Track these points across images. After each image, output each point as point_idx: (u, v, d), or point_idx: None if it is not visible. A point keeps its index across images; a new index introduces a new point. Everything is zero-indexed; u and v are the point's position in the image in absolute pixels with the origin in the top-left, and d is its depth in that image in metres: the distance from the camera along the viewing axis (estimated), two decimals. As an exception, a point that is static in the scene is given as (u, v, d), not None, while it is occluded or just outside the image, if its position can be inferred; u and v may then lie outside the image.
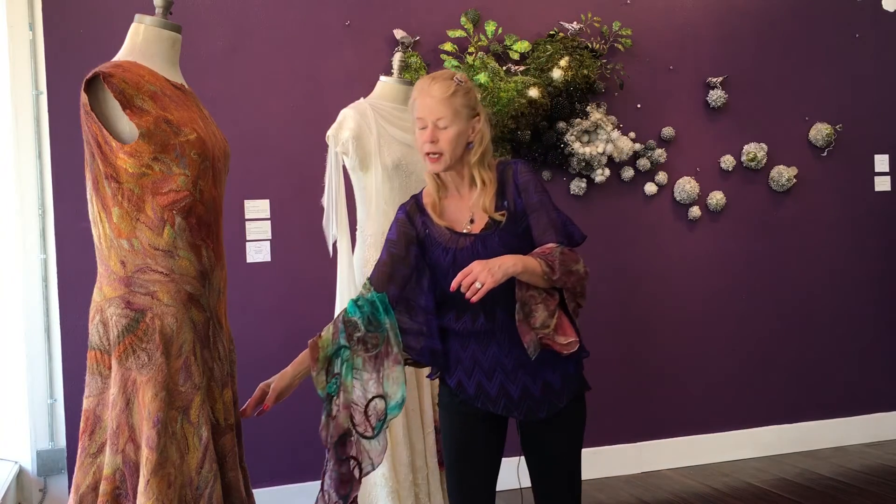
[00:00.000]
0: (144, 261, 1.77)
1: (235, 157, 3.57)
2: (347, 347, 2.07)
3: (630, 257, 4.29)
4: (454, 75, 2.11)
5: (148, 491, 1.68)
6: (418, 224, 2.14)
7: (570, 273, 2.02)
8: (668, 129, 4.28)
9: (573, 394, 2.12)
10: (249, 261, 3.69)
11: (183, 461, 1.76)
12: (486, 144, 2.10)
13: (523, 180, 2.09)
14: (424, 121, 2.06)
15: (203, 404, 1.81)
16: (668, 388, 4.36)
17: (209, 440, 1.80)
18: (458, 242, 2.07)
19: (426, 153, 2.07)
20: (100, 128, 1.73)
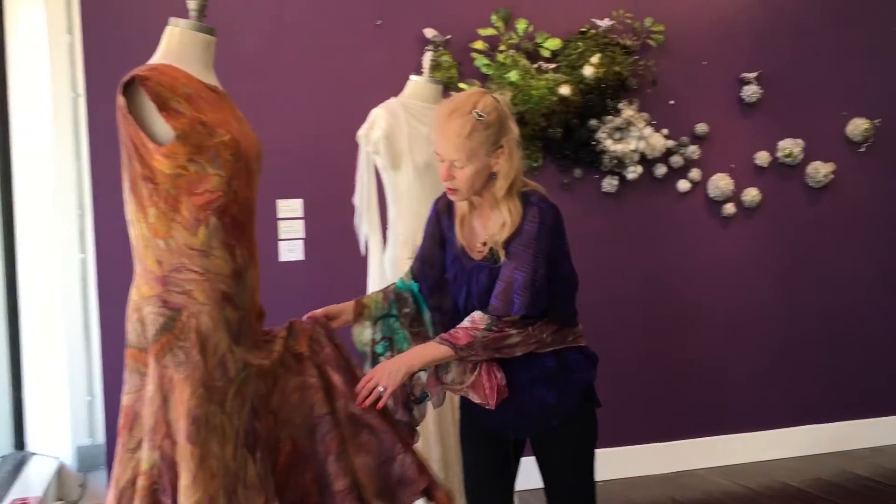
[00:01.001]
0: (180, 260, 1.80)
1: (268, 156, 3.61)
2: (396, 317, 2.15)
3: (662, 254, 4.26)
4: (475, 107, 1.97)
5: (195, 483, 1.72)
6: (444, 224, 2.15)
7: (498, 350, 2.00)
8: (702, 125, 4.25)
9: (571, 409, 2.10)
10: (282, 259, 3.72)
11: (222, 451, 1.79)
12: (513, 177, 2.00)
13: (523, 228, 1.99)
14: (441, 157, 2.02)
15: (236, 394, 1.84)
16: (702, 387, 4.32)
17: (240, 424, 1.84)
18: (462, 262, 2.07)
19: (446, 187, 2.05)
20: (136, 130, 1.76)
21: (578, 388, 2.11)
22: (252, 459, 1.85)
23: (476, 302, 2.03)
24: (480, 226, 2.08)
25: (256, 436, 1.87)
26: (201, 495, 1.69)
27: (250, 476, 1.83)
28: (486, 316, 1.97)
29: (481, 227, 2.07)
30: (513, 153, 2.00)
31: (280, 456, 1.95)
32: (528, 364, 2.03)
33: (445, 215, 2.15)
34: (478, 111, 1.96)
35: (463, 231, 2.09)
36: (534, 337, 2.01)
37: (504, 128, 2.00)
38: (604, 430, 4.02)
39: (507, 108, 2.04)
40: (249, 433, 1.86)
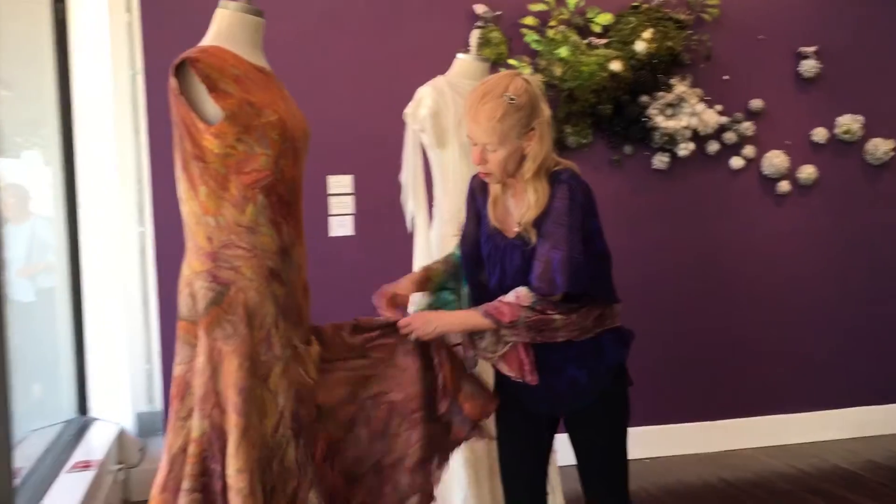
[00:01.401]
0: (229, 237, 1.86)
1: (318, 133, 3.67)
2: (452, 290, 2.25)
3: (714, 232, 4.21)
4: (506, 90, 1.97)
5: (238, 454, 1.79)
6: (479, 202, 2.17)
7: (540, 332, 2.00)
8: (757, 101, 4.17)
9: (603, 389, 2.10)
10: (332, 234, 3.79)
11: (261, 424, 1.86)
12: (542, 159, 2.01)
13: (553, 206, 1.99)
14: (474, 140, 2.03)
15: (283, 374, 1.90)
16: (753, 366, 4.28)
17: (286, 407, 1.89)
18: (496, 240, 2.09)
19: (479, 169, 2.08)
20: (188, 110, 1.82)
21: (609, 368, 2.12)
22: (295, 443, 1.91)
23: (510, 281, 2.04)
24: (513, 206, 2.09)
25: (300, 422, 1.93)
26: (243, 464, 1.77)
27: (288, 457, 1.90)
28: (531, 293, 1.97)
29: (514, 208, 2.09)
30: (544, 135, 2.01)
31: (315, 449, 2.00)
32: (561, 344, 2.04)
33: (480, 193, 2.17)
34: (509, 94, 1.96)
35: (496, 211, 2.10)
36: (577, 324, 2.02)
37: (536, 110, 2.00)
38: (655, 408, 4.07)
39: (538, 89, 2.03)
40: (295, 417, 1.92)
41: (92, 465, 3.16)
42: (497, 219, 2.10)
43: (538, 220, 2.00)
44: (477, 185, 2.19)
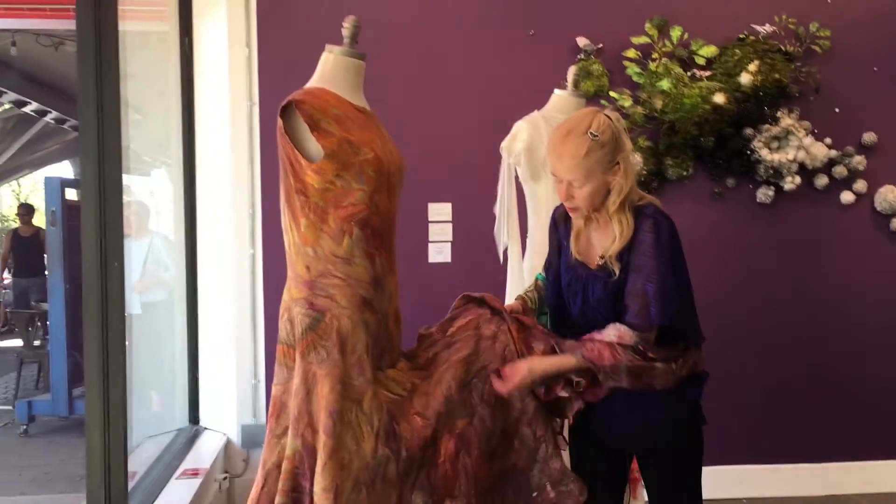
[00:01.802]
0: (326, 266, 1.98)
1: (422, 161, 3.81)
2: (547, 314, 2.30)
3: (822, 269, 4.09)
4: (589, 127, 2.01)
5: (325, 472, 1.89)
6: (560, 232, 2.22)
7: (640, 379, 1.99)
8: (870, 134, 4.04)
9: (676, 427, 2.11)
10: (431, 261, 3.90)
11: (359, 447, 1.95)
12: (626, 192, 2.04)
13: (639, 239, 2.02)
14: (559, 177, 2.07)
15: (375, 396, 1.99)
16: (862, 408, 4.11)
17: (381, 426, 1.97)
18: (577, 270, 2.12)
19: (566, 205, 2.12)
20: (292, 148, 1.96)
21: (684, 406, 2.12)
22: (395, 459, 1.99)
23: (591, 311, 2.08)
24: (596, 238, 2.13)
25: (397, 437, 2.00)
26: (328, 483, 1.87)
27: (390, 473, 1.97)
28: (632, 331, 1.99)
29: (597, 240, 2.13)
30: (628, 169, 2.05)
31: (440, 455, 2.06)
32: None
33: (563, 224, 2.22)
34: (592, 131, 2.00)
35: (579, 243, 2.15)
36: (675, 372, 2.02)
37: (619, 144, 2.04)
38: (756, 446, 3.97)
39: (619, 124, 2.07)
40: (391, 434, 2.00)
41: (200, 472, 3.36)
42: (579, 250, 2.15)
43: (622, 252, 2.03)
44: (559, 215, 2.24)
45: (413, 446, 2.01)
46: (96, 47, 2.48)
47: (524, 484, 2.13)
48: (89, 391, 2.51)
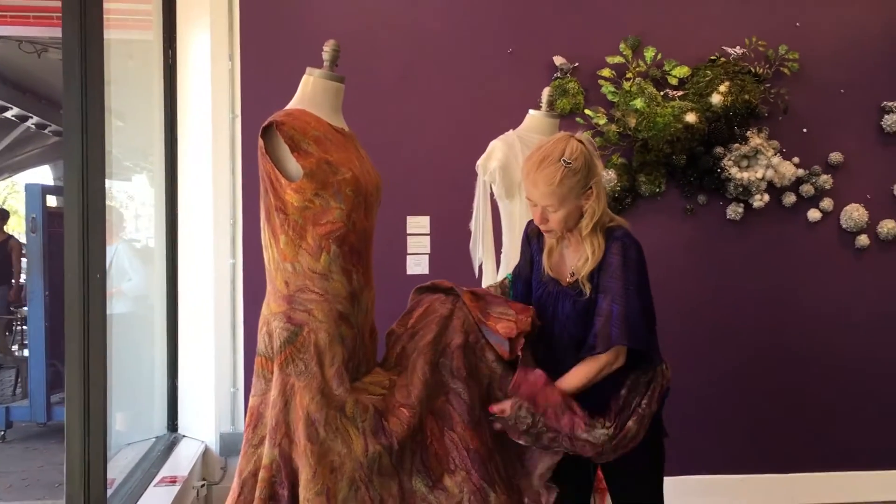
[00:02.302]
0: (304, 282, 2.05)
1: (401, 174, 3.89)
2: None
3: (789, 284, 4.20)
4: (563, 154, 2.09)
5: (315, 478, 1.96)
6: (533, 246, 2.32)
7: None
8: (836, 154, 4.16)
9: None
10: (409, 273, 3.97)
11: (350, 450, 2.02)
12: (599, 215, 2.13)
13: (608, 262, 2.12)
14: (533, 202, 2.16)
15: (357, 402, 2.06)
16: (829, 420, 4.22)
17: (367, 426, 2.04)
18: (548, 286, 2.22)
19: (540, 228, 2.21)
20: (272, 167, 2.03)
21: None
22: (387, 452, 2.05)
23: (560, 325, 2.19)
24: (568, 256, 2.23)
25: (387, 433, 2.07)
26: (321, 487, 1.95)
27: (384, 465, 2.05)
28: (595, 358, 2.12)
29: (569, 258, 2.22)
30: (600, 193, 2.14)
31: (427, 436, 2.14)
32: (600, 393, 2.15)
33: (535, 239, 2.32)
34: (566, 158, 2.09)
35: (551, 260, 2.25)
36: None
37: (592, 170, 2.13)
38: (724, 458, 4.07)
39: (591, 147, 2.16)
40: (379, 431, 2.06)
41: (178, 480, 3.40)
42: (551, 267, 2.23)
43: (592, 273, 2.12)
44: (532, 231, 2.34)
45: (402, 436, 2.07)
46: (81, 56, 2.53)
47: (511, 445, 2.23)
48: (70, 400, 2.56)
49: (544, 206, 2.13)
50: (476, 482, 2.11)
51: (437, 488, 2.10)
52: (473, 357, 2.24)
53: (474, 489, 2.11)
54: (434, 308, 2.27)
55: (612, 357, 2.10)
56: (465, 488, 2.10)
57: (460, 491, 2.10)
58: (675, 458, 3.71)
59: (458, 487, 2.10)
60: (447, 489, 2.10)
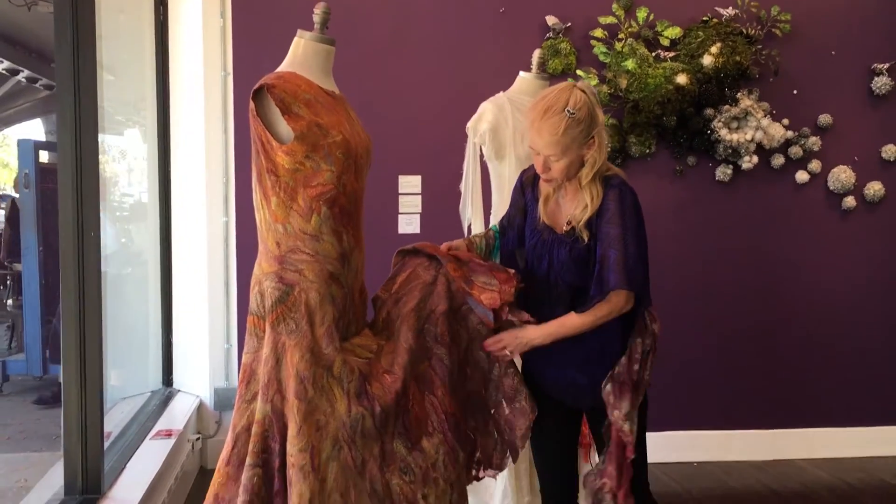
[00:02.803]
0: (295, 243, 2.09)
1: (393, 134, 3.90)
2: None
3: (776, 245, 4.26)
4: (567, 104, 2.10)
5: (300, 435, 2.02)
6: (528, 195, 2.34)
7: None
8: (826, 116, 4.19)
9: None
10: (400, 232, 4.02)
11: (334, 409, 2.08)
12: (598, 167, 2.16)
13: (605, 208, 2.15)
14: (536, 150, 2.18)
15: (345, 363, 2.12)
16: (809, 379, 4.32)
17: (351, 388, 2.10)
18: (543, 234, 2.25)
19: (541, 176, 2.24)
20: (263, 130, 2.06)
21: None
22: (370, 415, 2.11)
23: (555, 273, 2.22)
24: (564, 204, 2.25)
25: (370, 397, 2.13)
26: (305, 444, 2.01)
27: (367, 427, 2.11)
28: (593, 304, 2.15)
29: (565, 206, 2.25)
30: (601, 143, 2.17)
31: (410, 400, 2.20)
32: (585, 342, 2.20)
33: (530, 188, 2.34)
34: (570, 109, 2.11)
35: (547, 208, 2.27)
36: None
37: (594, 120, 2.15)
38: (706, 414, 4.17)
39: (594, 98, 2.17)
40: (362, 395, 2.12)
41: (173, 433, 3.47)
42: (547, 215, 2.27)
43: (590, 221, 2.17)
44: (527, 179, 2.36)
45: (386, 401, 2.13)
46: (73, 9, 2.53)
47: (480, 405, 2.31)
48: (66, 355, 2.62)
49: (547, 155, 2.15)
50: (450, 443, 2.20)
51: (415, 450, 2.17)
52: (456, 322, 2.29)
53: (448, 450, 2.19)
54: (417, 274, 2.31)
55: (618, 301, 2.13)
56: (441, 450, 2.19)
57: (436, 452, 2.18)
58: (658, 414, 3.80)
59: (435, 449, 2.18)
60: (424, 451, 2.18)
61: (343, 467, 2.06)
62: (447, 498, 2.18)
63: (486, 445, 2.35)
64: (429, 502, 2.14)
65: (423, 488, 2.14)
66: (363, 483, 2.09)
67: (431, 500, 2.15)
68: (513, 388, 2.30)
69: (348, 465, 2.07)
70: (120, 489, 2.78)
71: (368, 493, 2.09)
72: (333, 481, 2.03)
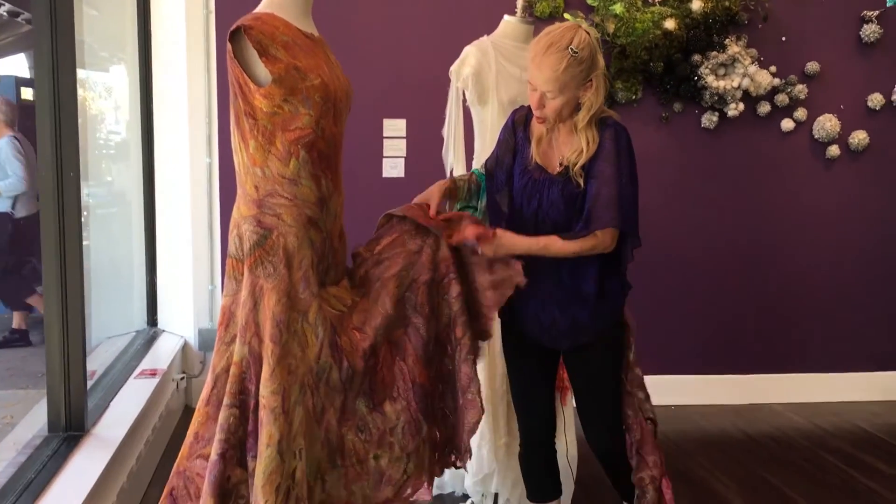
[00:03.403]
0: (273, 187, 2.09)
1: (377, 77, 3.87)
2: (475, 209, 2.44)
3: (759, 192, 4.29)
4: (570, 43, 2.09)
5: (273, 377, 2.05)
6: (519, 135, 2.32)
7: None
8: (813, 63, 4.17)
9: (602, 330, 2.28)
10: (385, 175, 4.01)
11: (304, 354, 2.11)
12: (594, 111, 2.15)
13: (602, 146, 2.14)
14: (534, 86, 2.16)
15: (320, 309, 2.14)
16: (789, 325, 4.39)
17: (325, 337, 2.13)
18: (534, 174, 2.24)
19: (535, 114, 2.22)
20: (241, 72, 2.03)
21: (611, 313, 2.29)
22: (337, 367, 2.14)
23: (544, 213, 2.22)
24: (558, 146, 2.24)
25: (339, 349, 2.15)
26: (277, 386, 2.03)
27: (333, 379, 2.13)
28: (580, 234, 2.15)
29: (558, 147, 2.24)
30: (599, 87, 2.16)
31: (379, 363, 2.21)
32: (566, 283, 2.23)
33: (522, 127, 2.32)
34: (573, 47, 2.09)
35: (539, 149, 2.26)
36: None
37: (595, 62, 2.13)
38: (686, 358, 4.24)
39: (596, 42, 2.16)
40: (333, 345, 2.14)
41: (157, 372, 3.51)
42: (540, 156, 2.26)
43: (586, 164, 2.16)
44: (519, 118, 2.34)
45: (354, 358, 2.15)
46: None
47: (453, 386, 2.32)
48: (47, 296, 2.64)
49: (544, 91, 2.13)
50: (414, 413, 2.20)
51: (375, 411, 2.18)
52: (437, 295, 2.28)
53: (410, 419, 2.20)
54: (403, 241, 2.29)
55: (605, 238, 2.13)
56: (403, 417, 2.19)
57: (397, 418, 2.19)
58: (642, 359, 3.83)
59: (396, 415, 2.19)
60: (385, 414, 2.19)
61: (306, 411, 2.09)
62: (401, 465, 2.19)
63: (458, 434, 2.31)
64: (380, 463, 2.17)
65: (377, 450, 2.17)
66: (318, 430, 2.11)
67: (383, 462, 2.17)
68: (469, 376, 2.26)
69: (308, 410, 2.09)
70: (103, 427, 2.82)
71: (322, 441, 2.11)
72: (299, 425, 2.06)
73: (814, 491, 3.32)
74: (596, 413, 2.36)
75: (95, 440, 2.70)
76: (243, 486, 2.07)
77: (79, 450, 2.59)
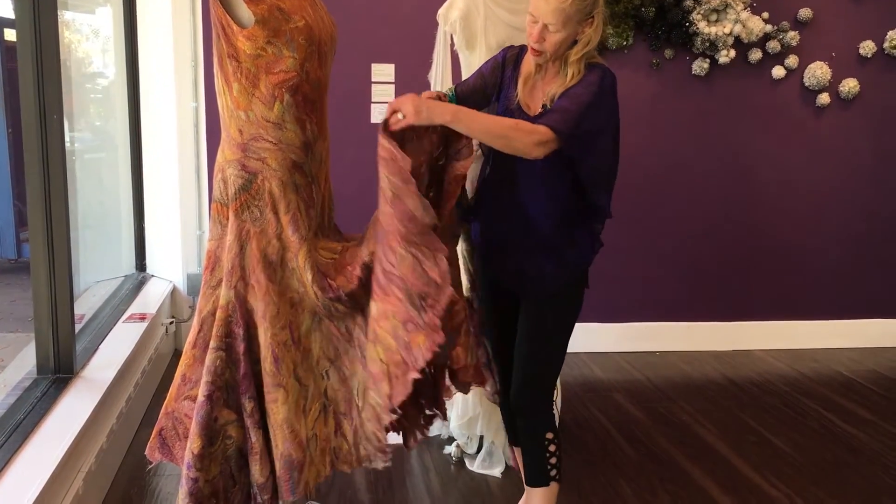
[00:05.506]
0: (258, 131, 2.08)
1: (365, 22, 3.81)
2: None
3: (749, 140, 4.28)
4: None
5: (280, 315, 2.09)
6: (507, 74, 2.29)
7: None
8: (806, 10, 4.13)
9: (566, 283, 2.28)
10: (373, 121, 3.98)
11: (306, 290, 2.12)
12: (590, 47, 2.13)
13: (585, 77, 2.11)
14: (535, 18, 2.12)
15: (309, 253, 2.15)
16: (772, 272, 4.43)
17: (316, 282, 2.14)
18: (515, 114, 2.21)
19: (531, 47, 2.20)
20: (223, 13, 2.00)
21: (576, 266, 2.30)
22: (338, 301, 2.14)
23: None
24: (543, 86, 2.22)
25: (334, 290, 2.15)
26: (285, 321, 2.09)
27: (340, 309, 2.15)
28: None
29: (542, 89, 2.22)
30: (598, 25, 2.14)
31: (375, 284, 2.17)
32: (536, 232, 2.23)
33: (511, 66, 2.30)
34: None
35: (525, 88, 2.24)
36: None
37: (597, 1, 2.12)
38: (671, 305, 4.28)
39: None
40: (326, 289, 2.15)
41: (146, 317, 3.53)
42: (524, 95, 2.24)
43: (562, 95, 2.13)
44: (510, 57, 2.31)
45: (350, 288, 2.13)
46: None
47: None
48: (33, 239, 2.63)
49: (546, 23, 2.10)
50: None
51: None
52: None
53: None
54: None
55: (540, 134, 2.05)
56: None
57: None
58: (623, 306, 3.90)
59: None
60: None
61: (328, 336, 2.15)
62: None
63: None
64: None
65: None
66: (353, 350, 2.16)
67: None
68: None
69: (334, 334, 2.16)
70: (92, 370, 2.84)
71: (359, 359, 2.15)
72: (320, 349, 2.14)
73: (794, 434, 3.39)
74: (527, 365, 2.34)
75: (84, 382, 2.72)
76: (230, 426, 2.11)
77: (68, 392, 2.62)
